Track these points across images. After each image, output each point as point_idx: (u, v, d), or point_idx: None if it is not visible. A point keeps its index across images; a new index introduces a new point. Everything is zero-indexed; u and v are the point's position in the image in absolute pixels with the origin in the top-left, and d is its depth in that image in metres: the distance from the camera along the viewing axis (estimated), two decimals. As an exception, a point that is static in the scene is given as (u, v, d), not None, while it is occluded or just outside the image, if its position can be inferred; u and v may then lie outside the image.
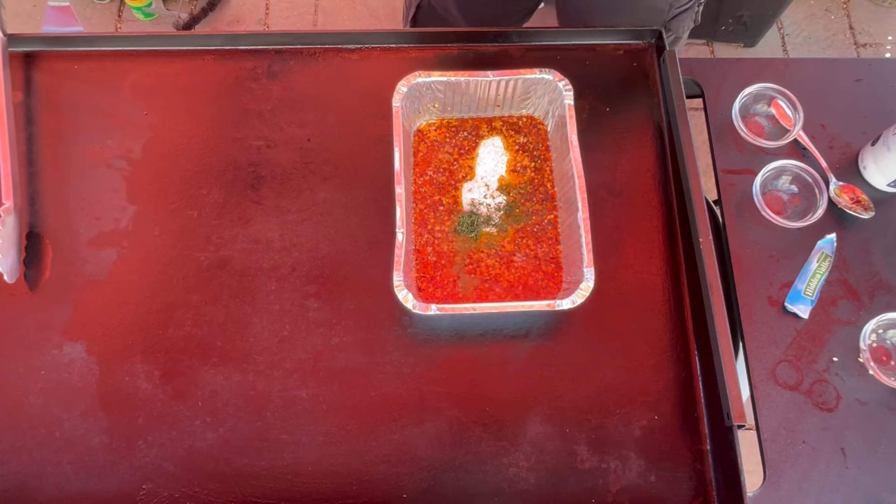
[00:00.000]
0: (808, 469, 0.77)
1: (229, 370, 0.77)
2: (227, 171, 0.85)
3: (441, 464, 0.74)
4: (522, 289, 0.79)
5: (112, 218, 0.83)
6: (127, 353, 0.77)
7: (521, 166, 0.85)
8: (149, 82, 0.89)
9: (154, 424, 0.75)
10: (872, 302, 0.84)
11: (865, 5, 1.97)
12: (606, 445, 0.75)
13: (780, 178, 0.89)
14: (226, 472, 0.73)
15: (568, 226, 0.79)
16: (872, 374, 0.79)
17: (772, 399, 0.79)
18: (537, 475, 0.74)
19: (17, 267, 0.79)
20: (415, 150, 0.85)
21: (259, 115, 0.88)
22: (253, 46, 0.91)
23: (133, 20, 1.90)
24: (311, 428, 0.75)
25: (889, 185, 0.88)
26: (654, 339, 0.79)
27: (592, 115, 0.88)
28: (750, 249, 0.86)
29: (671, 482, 0.74)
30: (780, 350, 0.81)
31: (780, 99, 0.91)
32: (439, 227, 0.82)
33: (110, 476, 0.73)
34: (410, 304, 0.72)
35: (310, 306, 0.79)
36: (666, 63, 0.87)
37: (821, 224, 0.85)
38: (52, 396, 0.75)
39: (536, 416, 0.76)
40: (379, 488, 0.73)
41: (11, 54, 0.87)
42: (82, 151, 0.85)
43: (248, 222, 0.83)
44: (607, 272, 0.80)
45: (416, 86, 0.80)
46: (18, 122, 0.85)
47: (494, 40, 0.92)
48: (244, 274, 0.81)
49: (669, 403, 0.77)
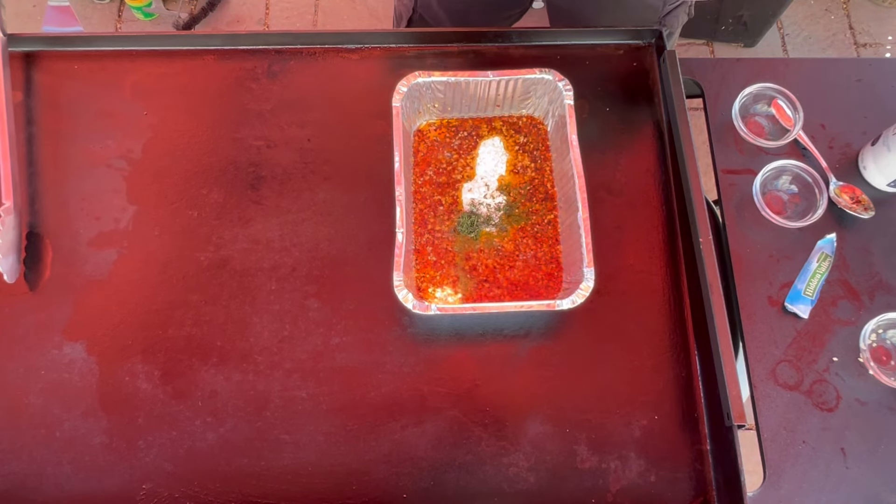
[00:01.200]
0: (808, 469, 0.77)
1: (229, 370, 0.77)
2: (227, 171, 0.85)
3: (441, 464, 0.74)
4: (522, 289, 0.79)
5: (112, 218, 0.83)
6: (127, 353, 0.77)
7: (521, 166, 0.85)
8: (149, 82, 0.89)
9: (154, 424, 0.75)
10: (872, 302, 0.84)
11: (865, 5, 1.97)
12: (606, 445, 0.75)
13: (780, 178, 0.89)
14: (226, 472, 0.73)
15: (568, 226, 0.79)
16: (872, 374, 0.79)
17: (772, 399, 0.79)
18: (537, 475, 0.74)
19: (17, 267, 0.79)
20: (415, 150, 0.85)
21: (259, 115, 0.88)
22: (253, 46, 0.91)
23: (133, 20, 1.90)
24: (311, 428, 0.75)
25: (889, 185, 0.88)
26: (654, 339, 0.79)
27: (592, 115, 0.88)
28: (750, 249, 0.86)
29: (671, 482, 0.74)
30: (780, 350, 0.81)
31: (780, 99, 0.91)
32: (439, 227, 0.82)
33: (110, 476, 0.73)
34: (410, 304, 0.72)
35: (310, 306, 0.79)
36: (666, 63, 0.87)
37: (821, 224, 0.85)
38: (52, 396, 0.75)
39: (536, 416, 0.76)
40: (379, 488, 0.73)
41: (11, 54, 0.87)
42: (82, 151, 0.85)
43: (248, 222, 0.83)
44: (607, 272, 0.80)
45: (416, 86, 0.80)
46: (18, 122, 0.85)
47: (494, 40, 0.92)
48: (244, 274, 0.81)
49: (669, 403, 0.77)
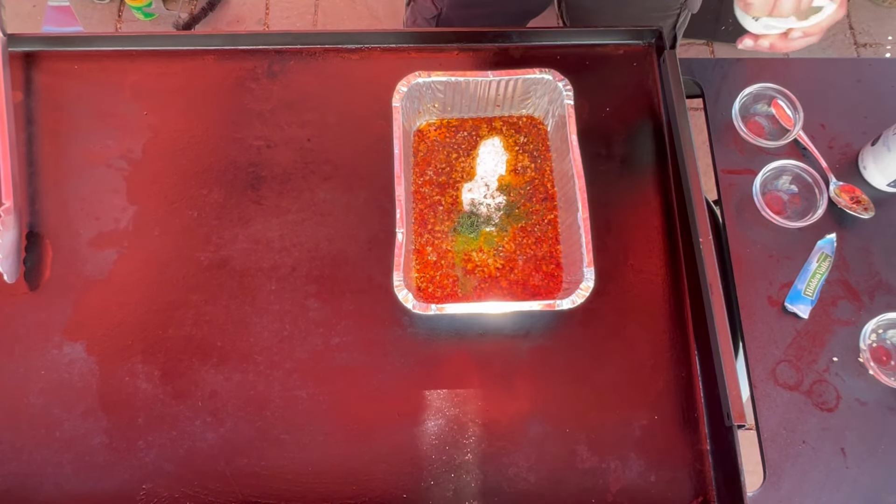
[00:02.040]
0: (808, 469, 0.77)
1: (229, 370, 0.77)
2: (227, 171, 0.85)
3: (441, 464, 0.74)
4: (522, 289, 0.79)
5: (112, 218, 0.83)
6: (127, 353, 0.77)
7: (521, 166, 0.85)
8: (149, 82, 0.89)
9: (154, 424, 0.75)
10: (872, 302, 0.84)
11: (865, 5, 1.97)
12: (606, 445, 0.75)
13: (780, 178, 0.89)
14: (226, 472, 0.73)
15: (568, 226, 0.79)
16: (872, 374, 0.79)
17: (772, 399, 0.79)
18: (537, 475, 0.74)
19: (17, 267, 0.79)
20: (415, 150, 0.85)
21: (259, 115, 0.88)
22: (253, 46, 0.91)
23: (133, 20, 1.90)
24: (311, 428, 0.75)
25: (889, 185, 0.88)
26: (654, 339, 0.79)
27: (592, 115, 0.88)
28: (750, 249, 0.86)
29: (671, 482, 0.74)
30: (780, 350, 0.81)
31: (780, 99, 0.91)
32: (439, 227, 0.82)
33: (110, 476, 0.73)
34: (410, 304, 0.72)
35: (310, 306, 0.79)
36: (666, 63, 0.87)
37: (821, 224, 0.85)
38: (52, 396, 0.75)
39: (536, 415, 0.76)
40: (379, 488, 0.73)
41: (11, 54, 0.87)
42: (82, 151, 0.85)
43: (248, 222, 0.83)
44: (607, 272, 0.80)
45: (416, 86, 0.80)
46: (18, 122, 0.85)
47: (494, 40, 0.92)
48: (244, 274, 0.81)
49: (669, 403, 0.77)
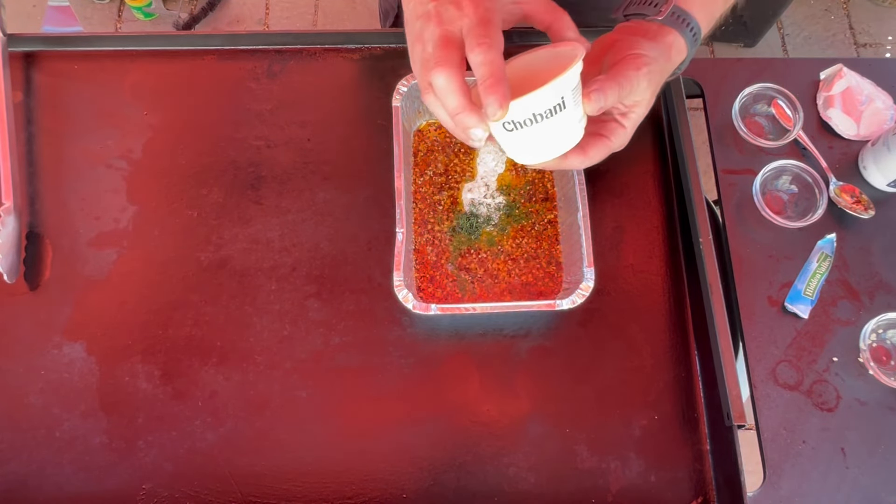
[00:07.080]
0: (808, 469, 0.77)
1: (229, 370, 0.77)
2: (227, 171, 0.85)
3: (441, 464, 0.74)
4: (522, 289, 0.79)
5: (112, 218, 0.83)
6: (127, 353, 0.77)
7: (520, 166, 0.85)
8: (149, 82, 0.89)
9: (154, 424, 0.75)
10: (872, 302, 0.84)
11: (865, 5, 1.97)
12: (606, 445, 0.75)
13: (780, 178, 0.89)
14: (226, 472, 0.73)
15: (568, 226, 0.79)
16: (872, 374, 0.79)
17: (772, 399, 0.79)
18: (537, 475, 0.74)
19: (17, 267, 0.79)
20: (415, 150, 0.85)
21: (259, 115, 0.88)
22: (253, 46, 0.91)
23: (133, 20, 1.90)
24: (311, 428, 0.75)
25: (889, 185, 0.88)
26: (654, 339, 0.79)
27: (592, 115, 0.88)
28: (750, 249, 0.86)
29: (671, 482, 0.74)
30: (780, 350, 0.81)
31: (780, 99, 0.91)
32: (439, 226, 0.82)
33: (110, 476, 0.73)
34: (410, 304, 0.72)
35: (310, 306, 0.79)
36: (666, 63, 0.87)
37: (821, 224, 0.85)
38: (52, 396, 0.75)
39: (536, 415, 0.76)
40: (379, 488, 0.73)
41: (11, 54, 0.87)
42: (82, 151, 0.85)
43: (248, 222, 0.83)
44: (607, 272, 0.80)
45: (416, 86, 0.80)
46: (18, 122, 0.85)
47: (494, 40, 0.91)
48: (244, 274, 0.81)
49: (669, 403, 0.77)
